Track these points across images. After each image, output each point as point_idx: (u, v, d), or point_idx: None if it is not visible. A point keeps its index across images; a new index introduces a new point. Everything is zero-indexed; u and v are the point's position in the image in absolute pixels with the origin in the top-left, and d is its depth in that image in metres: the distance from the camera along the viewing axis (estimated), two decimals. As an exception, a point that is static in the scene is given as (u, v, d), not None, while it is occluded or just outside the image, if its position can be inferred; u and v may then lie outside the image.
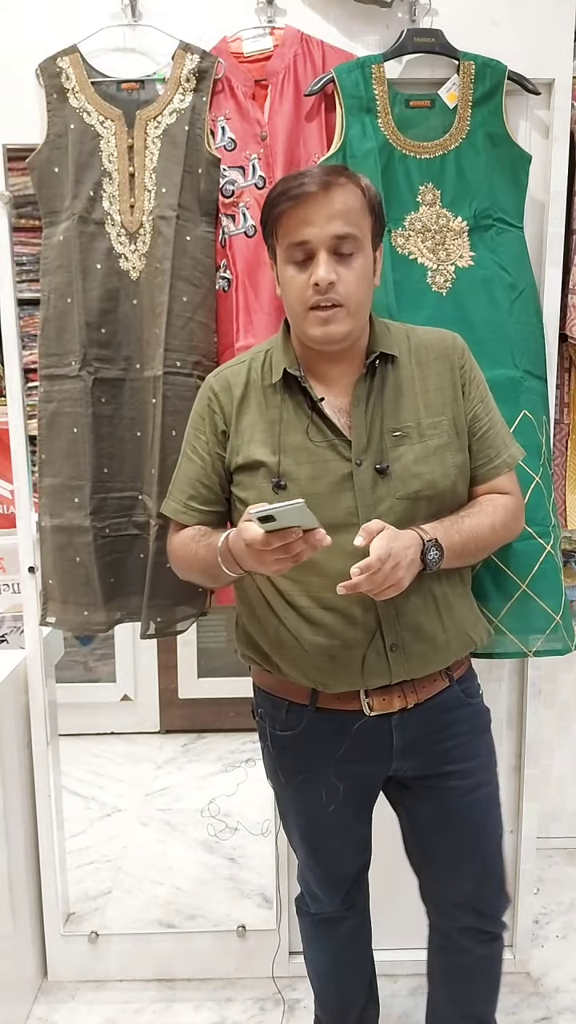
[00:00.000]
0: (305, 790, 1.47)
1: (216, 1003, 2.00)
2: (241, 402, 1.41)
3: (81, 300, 1.69)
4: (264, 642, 1.44)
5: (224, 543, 1.31)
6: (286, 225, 1.30)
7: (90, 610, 1.78)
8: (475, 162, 1.69)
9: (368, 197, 1.32)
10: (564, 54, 1.72)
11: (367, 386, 1.37)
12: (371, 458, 1.34)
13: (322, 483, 1.34)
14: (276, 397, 1.39)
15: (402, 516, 1.33)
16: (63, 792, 2.09)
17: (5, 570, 2.20)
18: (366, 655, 1.36)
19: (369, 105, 1.67)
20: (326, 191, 1.27)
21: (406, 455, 1.35)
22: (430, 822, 1.51)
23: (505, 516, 1.42)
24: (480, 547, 1.39)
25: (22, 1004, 1.97)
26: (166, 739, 3.15)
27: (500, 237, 1.71)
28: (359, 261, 1.30)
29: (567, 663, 2.44)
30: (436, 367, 1.40)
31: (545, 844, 2.49)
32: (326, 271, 1.27)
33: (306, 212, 1.27)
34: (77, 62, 1.68)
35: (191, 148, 1.68)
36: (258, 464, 1.37)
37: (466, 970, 1.58)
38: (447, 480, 1.37)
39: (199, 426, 1.45)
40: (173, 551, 1.49)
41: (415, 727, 1.43)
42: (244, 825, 2.50)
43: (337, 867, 1.57)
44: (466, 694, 1.48)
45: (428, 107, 1.70)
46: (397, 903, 1.70)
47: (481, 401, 1.43)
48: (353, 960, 1.67)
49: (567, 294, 1.83)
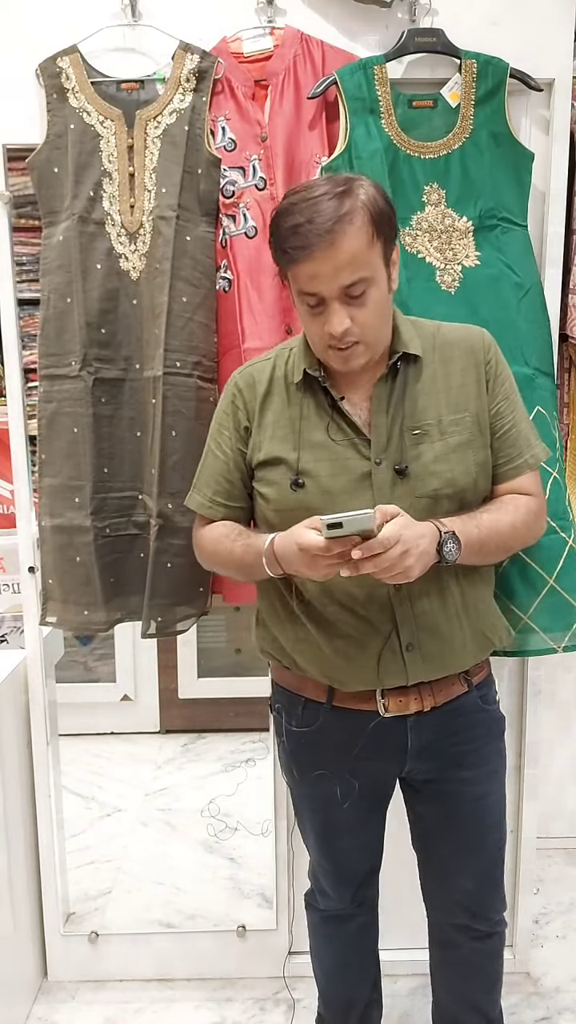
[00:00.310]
0: (320, 787, 1.48)
1: (216, 1003, 2.00)
2: (265, 398, 1.42)
3: (81, 300, 1.69)
4: (283, 638, 1.45)
5: (270, 546, 1.32)
6: (294, 274, 1.28)
7: (90, 610, 1.78)
8: (479, 161, 1.69)
9: (375, 217, 1.26)
10: (564, 54, 1.72)
11: (389, 385, 1.37)
12: (391, 457, 1.34)
13: (341, 481, 1.34)
14: (298, 394, 1.40)
15: (422, 515, 1.31)
16: (63, 792, 2.08)
17: (5, 570, 2.20)
18: (382, 654, 1.36)
19: (372, 106, 1.67)
20: (331, 243, 1.22)
21: (426, 453, 1.34)
22: (436, 823, 1.52)
23: (527, 516, 1.40)
24: (500, 545, 1.38)
25: (22, 1004, 1.97)
26: (166, 739, 3.15)
27: (505, 236, 1.71)
28: (372, 295, 1.28)
29: (567, 663, 2.44)
30: (460, 363, 1.39)
31: (545, 844, 2.49)
32: (340, 322, 1.26)
33: (313, 268, 1.24)
34: (77, 62, 1.68)
35: (191, 148, 1.68)
36: (278, 460, 1.38)
37: (462, 963, 1.60)
38: (467, 478, 1.36)
39: (223, 422, 1.46)
40: (202, 546, 1.49)
41: (431, 730, 1.43)
42: (244, 825, 2.50)
43: (349, 865, 1.58)
44: (483, 700, 1.48)
45: (431, 107, 1.70)
46: (397, 903, 1.70)
47: (506, 399, 1.41)
48: (359, 958, 1.67)
49: (567, 294, 1.83)
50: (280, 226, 1.27)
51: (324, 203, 1.24)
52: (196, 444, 1.71)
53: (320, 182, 1.28)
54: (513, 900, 2.01)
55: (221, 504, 1.46)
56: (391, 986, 1.95)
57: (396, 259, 1.34)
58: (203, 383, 1.73)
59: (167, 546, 1.73)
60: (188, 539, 1.71)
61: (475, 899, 1.53)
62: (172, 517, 1.72)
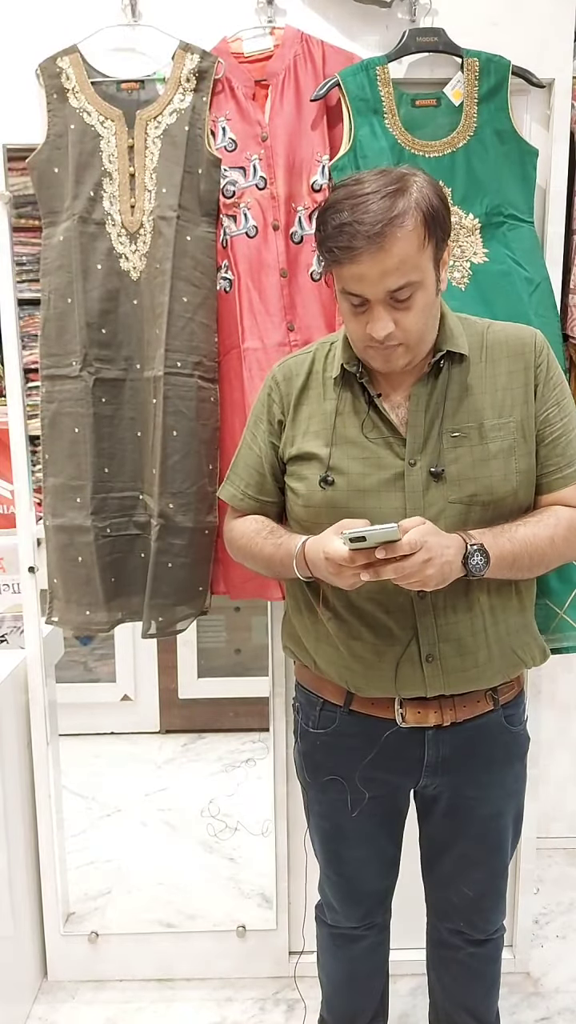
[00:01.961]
0: (330, 791, 1.45)
1: (216, 1003, 2.00)
2: (302, 392, 1.39)
3: (81, 300, 1.69)
4: (305, 636, 1.44)
5: (301, 550, 1.31)
6: (338, 273, 1.22)
7: (91, 610, 1.78)
8: (484, 159, 1.69)
9: (428, 219, 1.19)
10: (564, 54, 1.72)
11: (430, 384, 1.31)
12: (426, 459, 1.29)
13: (372, 480, 1.30)
14: (336, 390, 1.36)
15: (455, 521, 1.28)
16: (63, 792, 2.08)
17: (5, 570, 2.20)
18: (400, 662, 1.33)
19: (376, 107, 1.67)
20: (380, 248, 1.16)
21: (464, 457, 1.29)
22: (444, 837, 1.49)
23: (568, 530, 1.31)
24: (536, 560, 1.30)
25: (22, 1004, 1.97)
26: (166, 739, 3.15)
27: (512, 233, 1.71)
28: (419, 299, 1.22)
29: (567, 663, 2.44)
30: (508, 365, 1.33)
31: (545, 844, 2.49)
32: (383, 327, 1.21)
33: (359, 270, 1.18)
34: (77, 62, 1.68)
35: (191, 148, 1.68)
36: (310, 456, 1.35)
37: (459, 967, 1.59)
38: (507, 486, 1.29)
39: (259, 414, 1.44)
40: (232, 539, 1.48)
41: (449, 746, 1.39)
42: (244, 825, 2.51)
43: (357, 881, 1.54)
44: (509, 721, 1.42)
45: (434, 106, 1.70)
46: (397, 904, 1.70)
47: (557, 404, 1.33)
48: (367, 975, 1.64)
49: (567, 294, 1.83)
50: (326, 222, 1.20)
51: (374, 202, 1.16)
52: (197, 444, 1.72)
53: (371, 176, 1.20)
54: (513, 900, 2.01)
55: (252, 497, 1.44)
56: (391, 986, 1.95)
57: (447, 259, 1.27)
58: (204, 383, 1.73)
59: (168, 546, 1.73)
60: (189, 539, 1.73)
61: (475, 910, 1.52)
62: (173, 517, 1.72)
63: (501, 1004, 1.64)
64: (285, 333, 1.71)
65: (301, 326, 1.71)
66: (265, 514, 1.45)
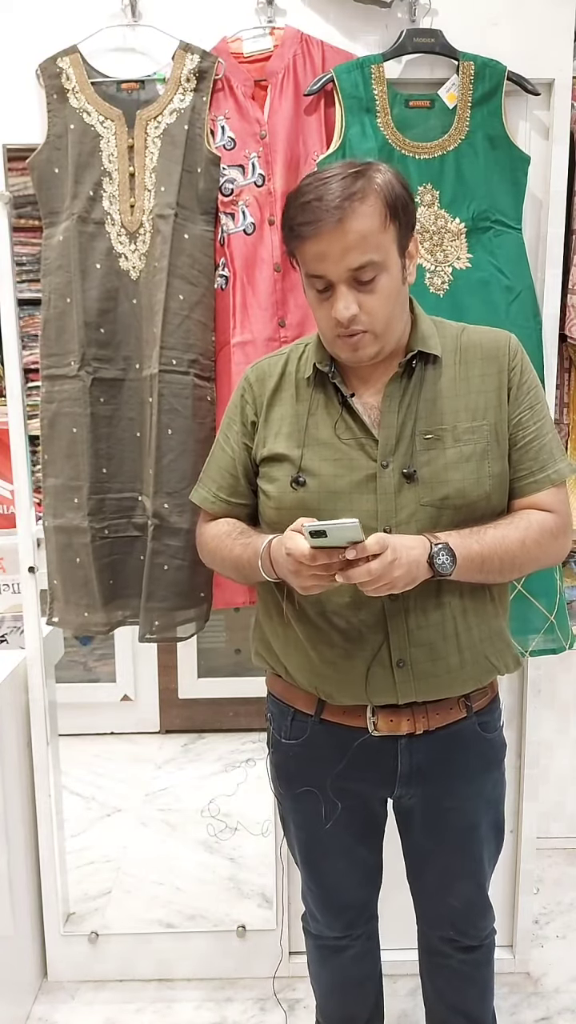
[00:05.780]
0: (304, 803, 1.43)
1: (216, 1003, 2.00)
2: (274, 393, 1.38)
3: (80, 300, 1.69)
4: (275, 642, 1.42)
5: (266, 548, 1.29)
6: (302, 254, 1.24)
7: (89, 611, 1.77)
8: (474, 163, 1.69)
9: (388, 200, 1.21)
10: (564, 54, 1.72)
11: (402, 384, 1.31)
12: (399, 461, 1.28)
13: (344, 481, 1.29)
14: (308, 390, 1.35)
15: (426, 524, 1.27)
16: (63, 792, 2.09)
17: (5, 570, 2.20)
18: (371, 668, 1.31)
19: (368, 105, 1.67)
20: (340, 222, 1.18)
21: (437, 459, 1.28)
22: (424, 848, 1.48)
23: (540, 534, 1.30)
24: (507, 563, 1.28)
25: (22, 1004, 1.97)
26: (166, 739, 3.15)
27: (498, 239, 1.71)
28: (382, 281, 1.23)
29: (567, 663, 2.44)
30: (481, 368, 1.32)
31: (545, 844, 2.49)
32: (345, 307, 1.22)
33: (320, 247, 1.20)
34: (77, 62, 1.68)
35: (190, 147, 1.68)
36: (281, 457, 1.34)
37: (452, 974, 1.58)
38: (480, 489, 1.28)
39: (232, 415, 1.43)
40: (203, 542, 1.47)
41: (423, 755, 1.37)
42: (244, 825, 2.51)
43: (336, 891, 1.52)
44: (483, 728, 1.40)
45: (428, 107, 1.70)
46: (395, 904, 1.70)
47: (530, 408, 1.32)
48: (358, 982, 1.62)
49: (567, 294, 1.83)
50: (290, 205, 1.24)
51: (336, 182, 1.19)
52: (193, 443, 1.71)
53: (336, 165, 1.24)
54: (513, 900, 2.01)
55: (224, 500, 1.43)
56: (391, 986, 1.95)
57: (414, 252, 1.28)
58: (200, 381, 1.72)
59: (163, 547, 1.72)
60: (186, 540, 1.70)
61: (463, 918, 1.51)
62: (168, 517, 1.71)
63: (501, 1004, 1.65)
64: (276, 329, 1.71)
65: (292, 323, 1.71)
66: (238, 517, 1.43)
